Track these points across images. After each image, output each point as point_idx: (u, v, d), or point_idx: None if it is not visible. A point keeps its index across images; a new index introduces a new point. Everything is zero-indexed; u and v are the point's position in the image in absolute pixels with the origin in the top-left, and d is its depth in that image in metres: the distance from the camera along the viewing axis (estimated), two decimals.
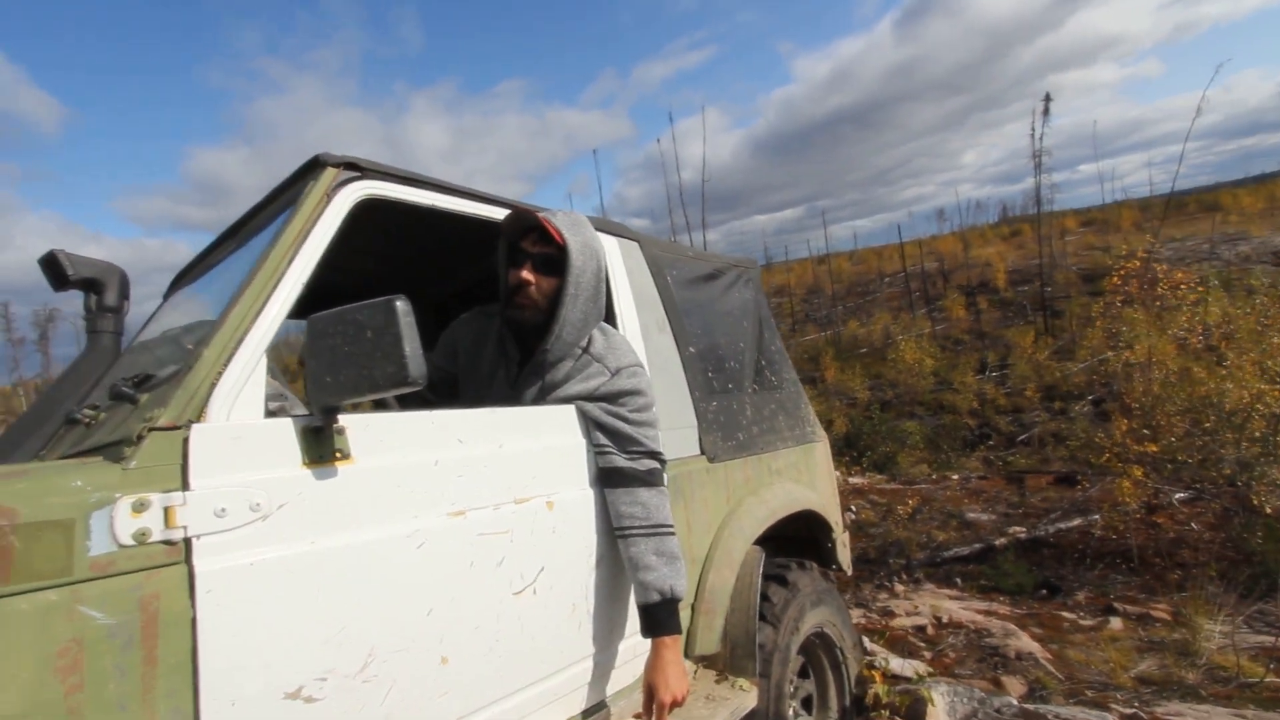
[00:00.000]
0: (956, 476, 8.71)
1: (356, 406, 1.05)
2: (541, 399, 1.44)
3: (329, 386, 0.96)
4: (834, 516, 2.39)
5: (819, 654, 2.16)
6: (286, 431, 0.99)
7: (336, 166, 1.21)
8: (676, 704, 1.33)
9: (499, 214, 1.47)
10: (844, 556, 2.46)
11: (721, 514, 1.84)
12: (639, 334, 1.72)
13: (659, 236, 2.06)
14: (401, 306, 0.94)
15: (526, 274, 1.37)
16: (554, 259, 1.38)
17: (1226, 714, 2.63)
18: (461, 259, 2.17)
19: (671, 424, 1.71)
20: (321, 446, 1.02)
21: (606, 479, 1.41)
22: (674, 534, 1.40)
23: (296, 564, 0.95)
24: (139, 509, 0.83)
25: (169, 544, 0.85)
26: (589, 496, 1.41)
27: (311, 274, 1.11)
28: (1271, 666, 3.06)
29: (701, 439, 1.82)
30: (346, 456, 1.04)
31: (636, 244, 1.87)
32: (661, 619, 1.34)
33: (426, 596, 1.10)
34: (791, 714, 1.88)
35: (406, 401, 1.50)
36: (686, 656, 1.64)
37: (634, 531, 1.37)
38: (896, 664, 2.91)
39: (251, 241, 1.39)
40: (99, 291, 1.78)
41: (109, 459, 0.87)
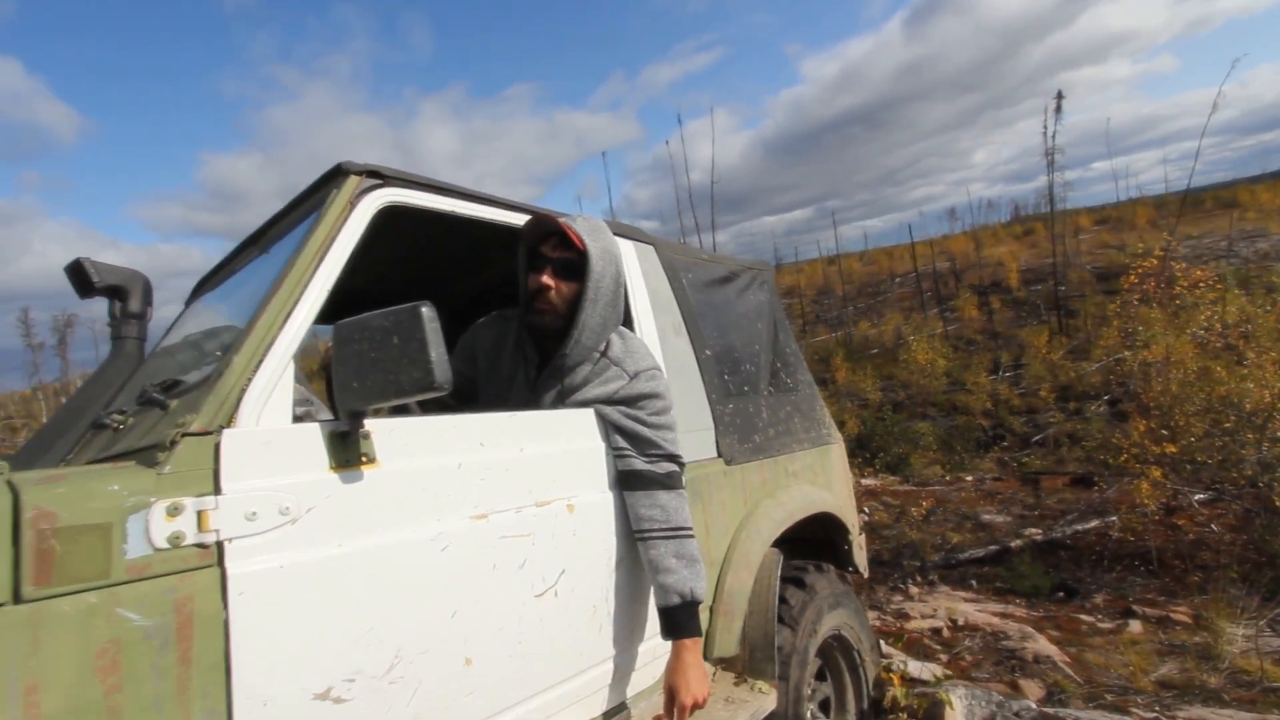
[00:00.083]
0: (970, 478, 8.65)
1: (378, 411, 1.06)
2: (560, 402, 1.45)
3: (355, 392, 0.98)
4: (850, 518, 2.39)
5: (836, 656, 2.15)
6: (314, 436, 1.01)
7: (359, 174, 1.23)
8: (698, 706, 1.33)
9: (517, 219, 1.49)
10: (860, 559, 2.45)
11: (739, 516, 1.84)
12: (656, 337, 1.73)
13: (668, 239, 2.07)
14: (427, 312, 0.96)
15: (547, 279, 1.38)
16: (574, 264, 1.39)
17: (1250, 719, 2.59)
18: (477, 264, 2.18)
19: (689, 427, 1.71)
20: (348, 451, 1.03)
21: (626, 482, 1.42)
22: (693, 536, 1.40)
23: (325, 567, 0.96)
24: (173, 513, 0.85)
25: (202, 547, 0.87)
26: (608, 499, 1.42)
27: (336, 280, 1.13)
28: None
29: (719, 441, 1.83)
30: (372, 460, 1.06)
31: (653, 248, 1.88)
32: (682, 621, 1.35)
33: (451, 598, 1.11)
34: (809, 717, 1.88)
35: (426, 405, 1.51)
36: (705, 659, 1.64)
37: (654, 534, 1.37)
38: (914, 667, 2.90)
39: (274, 248, 1.41)
40: (123, 298, 1.81)
41: (143, 463, 0.89)
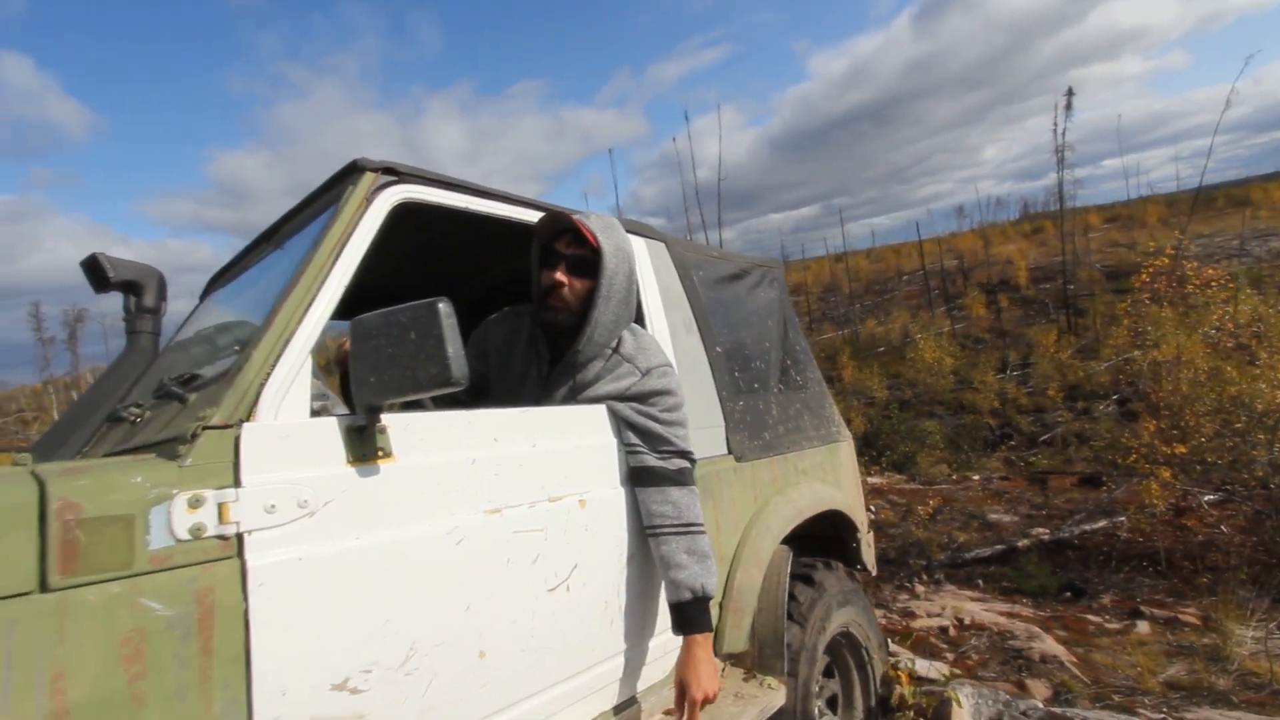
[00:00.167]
0: (977, 477, 8.62)
1: (391, 406, 1.07)
2: (572, 399, 1.46)
3: (373, 387, 0.98)
4: (859, 516, 2.39)
5: (844, 654, 2.16)
6: (332, 430, 1.02)
7: (375, 171, 1.23)
8: (708, 701, 1.34)
9: (531, 216, 1.49)
10: (869, 557, 2.45)
11: (749, 513, 1.84)
12: (667, 334, 1.73)
13: (676, 236, 2.07)
14: (444, 308, 0.96)
15: (560, 275, 1.39)
16: (587, 261, 1.39)
17: None
18: (488, 261, 2.19)
19: (699, 423, 1.72)
20: (365, 445, 1.04)
21: (637, 478, 1.42)
22: (705, 532, 1.41)
23: (342, 559, 0.97)
24: (194, 505, 0.86)
25: (222, 539, 0.88)
26: (620, 495, 1.42)
27: (353, 276, 1.14)
28: None
29: (729, 438, 1.83)
30: (388, 455, 1.07)
31: (664, 245, 1.88)
32: (693, 617, 1.35)
33: (465, 592, 1.12)
34: (817, 713, 1.88)
35: (439, 400, 1.52)
36: (714, 654, 1.65)
37: (665, 530, 1.38)
38: (922, 666, 2.90)
39: (288, 244, 1.42)
40: (138, 293, 1.83)
41: (163, 456, 0.90)
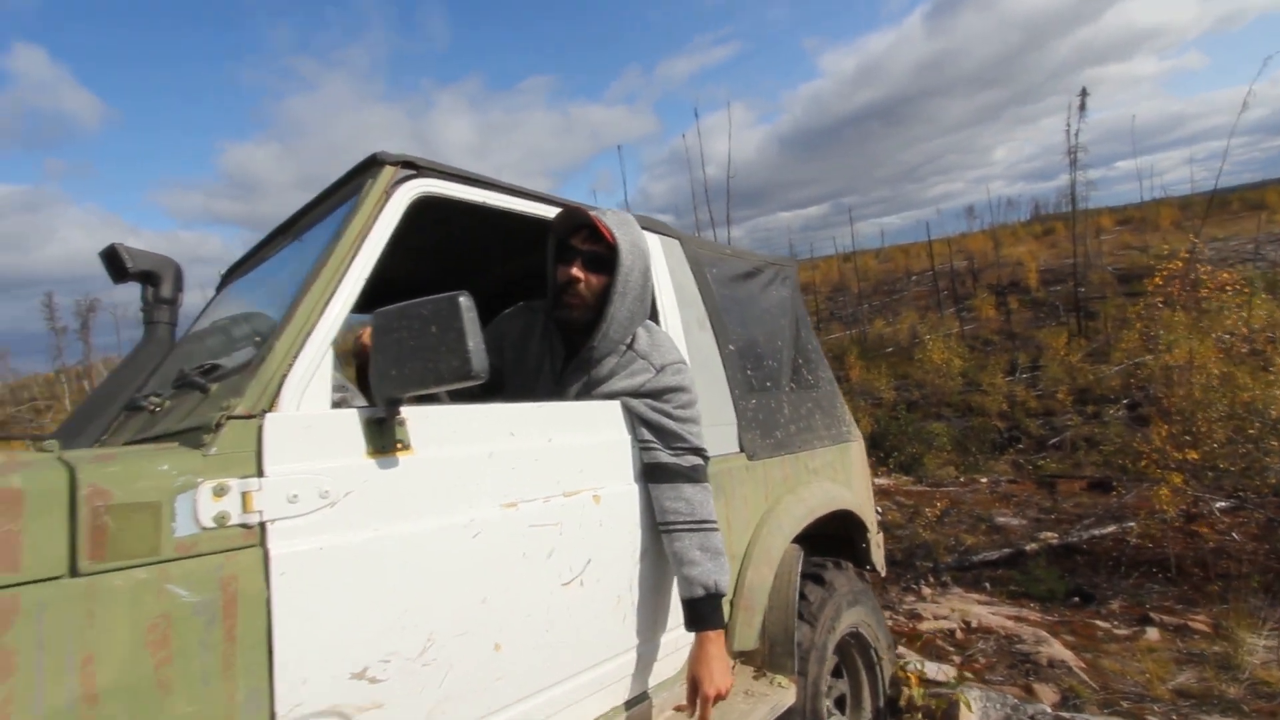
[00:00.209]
0: (985, 480, 8.57)
1: (409, 399, 1.08)
2: (586, 394, 1.46)
3: (393, 379, 0.99)
4: (869, 517, 2.39)
5: (854, 654, 2.16)
6: (352, 422, 1.02)
7: (394, 165, 1.24)
8: (720, 697, 1.34)
9: (547, 212, 1.50)
10: (878, 557, 2.45)
11: (760, 511, 1.84)
12: (680, 331, 1.74)
13: (689, 233, 2.07)
14: (465, 302, 0.97)
15: (576, 271, 1.39)
16: (603, 257, 1.40)
17: None
18: (503, 255, 2.20)
19: (711, 421, 1.72)
20: (384, 437, 1.05)
21: (651, 474, 1.43)
22: (718, 529, 1.41)
23: (362, 550, 0.98)
24: (219, 493, 0.87)
25: (246, 527, 0.89)
26: (634, 491, 1.43)
27: (372, 269, 1.14)
28: None
29: (741, 436, 1.83)
30: (407, 447, 1.07)
31: (678, 242, 1.88)
32: (705, 613, 1.36)
33: (482, 585, 1.13)
34: (826, 713, 1.88)
35: (455, 394, 1.53)
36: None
37: (678, 527, 1.38)
38: (931, 668, 2.89)
39: (306, 236, 1.43)
40: (155, 284, 1.84)
41: (187, 445, 0.91)
